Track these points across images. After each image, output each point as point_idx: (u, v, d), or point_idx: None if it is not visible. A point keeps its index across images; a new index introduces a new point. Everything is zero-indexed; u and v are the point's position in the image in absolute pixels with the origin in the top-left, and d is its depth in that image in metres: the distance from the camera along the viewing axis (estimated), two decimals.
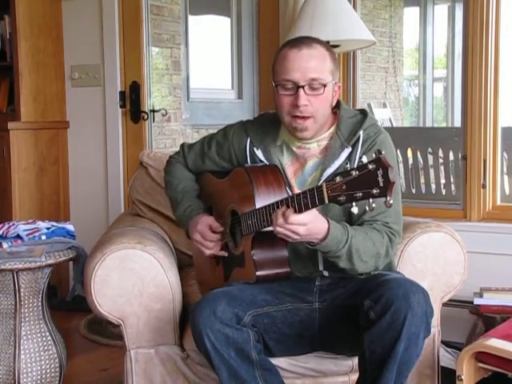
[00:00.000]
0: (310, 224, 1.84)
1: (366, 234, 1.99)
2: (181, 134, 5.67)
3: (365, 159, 1.68)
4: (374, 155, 1.66)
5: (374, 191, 1.65)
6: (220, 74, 6.35)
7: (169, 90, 5.60)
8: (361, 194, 1.67)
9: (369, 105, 6.89)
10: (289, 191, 2.09)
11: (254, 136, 2.22)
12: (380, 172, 1.64)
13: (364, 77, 7.33)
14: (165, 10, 5.43)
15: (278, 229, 1.86)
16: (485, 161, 3.17)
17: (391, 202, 1.65)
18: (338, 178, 1.70)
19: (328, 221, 1.90)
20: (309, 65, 2.02)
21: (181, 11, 5.66)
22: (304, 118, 2.05)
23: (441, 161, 3.95)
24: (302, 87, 2.02)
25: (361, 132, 2.10)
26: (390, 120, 7.16)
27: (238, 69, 6.19)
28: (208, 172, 2.36)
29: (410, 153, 4.02)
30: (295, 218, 1.82)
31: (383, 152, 1.66)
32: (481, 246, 3.04)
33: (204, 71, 6.17)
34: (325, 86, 2.04)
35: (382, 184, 1.64)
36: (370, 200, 1.67)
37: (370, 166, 1.65)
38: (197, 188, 2.39)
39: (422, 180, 3.99)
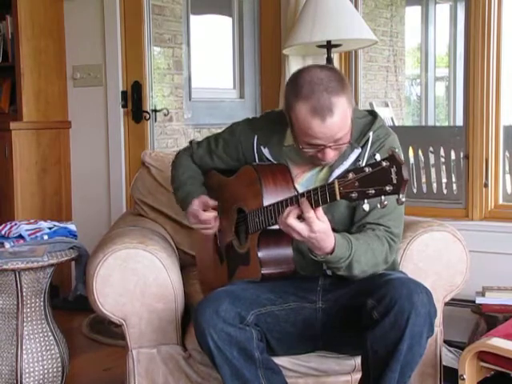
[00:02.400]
0: (317, 233, 1.82)
1: (368, 244, 1.98)
2: (183, 134, 5.67)
3: (378, 157, 1.68)
4: (387, 153, 1.66)
5: (387, 188, 1.64)
6: (222, 73, 6.35)
7: (170, 89, 5.60)
8: (373, 191, 1.66)
9: (370, 104, 6.88)
10: (297, 190, 2.08)
11: (261, 134, 2.21)
12: (394, 169, 1.63)
13: (366, 76, 7.32)
14: (166, 9, 5.44)
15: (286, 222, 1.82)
16: (487, 160, 3.17)
17: (403, 199, 1.64)
18: (350, 175, 1.69)
19: (335, 238, 1.88)
20: (333, 131, 1.95)
21: (182, 11, 5.67)
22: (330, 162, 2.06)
23: (442, 160, 3.95)
24: (329, 147, 1.98)
25: (371, 133, 2.09)
26: (392, 119, 7.15)
27: (239, 68, 6.19)
28: (215, 170, 2.35)
29: (411, 152, 4.02)
30: (310, 213, 1.79)
31: (396, 150, 1.66)
32: (483, 245, 3.04)
33: (206, 71, 6.17)
34: (349, 140, 2.01)
35: (395, 181, 1.63)
36: (382, 197, 1.67)
37: (384, 163, 1.65)
38: (202, 178, 2.37)
39: (424, 179, 3.99)
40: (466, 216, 3.24)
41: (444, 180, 3.95)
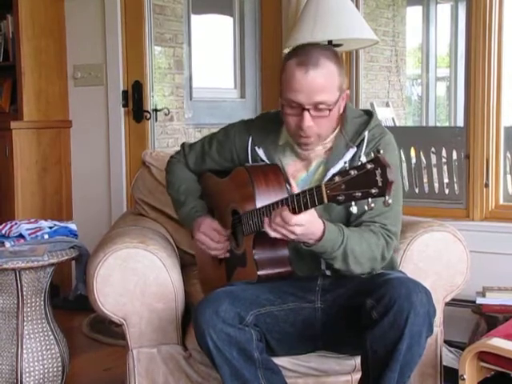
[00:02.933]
0: (307, 224, 1.85)
1: (362, 235, 1.99)
2: (183, 134, 5.68)
3: (364, 159, 1.69)
4: (372, 155, 1.67)
5: (373, 191, 1.65)
6: (223, 73, 6.36)
7: (171, 89, 5.60)
8: (360, 194, 1.67)
9: (371, 104, 6.88)
10: (290, 191, 2.09)
11: (255, 135, 2.21)
12: (378, 171, 1.64)
13: (367, 76, 7.32)
14: (167, 9, 5.44)
15: (276, 227, 1.86)
16: (487, 160, 3.16)
17: (390, 201, 1.64)
18: (336, 178, 1.70)
19: (324, 222, 1.90)
20: (315, 88, 1.98)
21: (183, 10, 5.67)
22: (308, 136, 2.05)
23: (444, 160, 3.95)
24: (308, 110, 2.00)
25: (366, 132, 2.09)
26: (393, 119, 7.15)
27: (240, 68, 6.20)
28: (209, 171, 2.36)
29: (413, 152, 4.02)
30: (294, 218, 1.82)
31: (381, 151, 1.66)
32: (483, 245, 3.04)
33: (207, 70, 6.17)
34: (330, 110, 2.02)
35: (380, 183, 1.64)
36: (369, 200, 1.67)
37: (369, 166, 1.65)
38: (199, 188, 2.39)
39: (425, 179, 3.98)
40: (467, 216, 3.24)
41: (446, 180, 3.95)
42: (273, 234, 1.88)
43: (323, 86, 1.99)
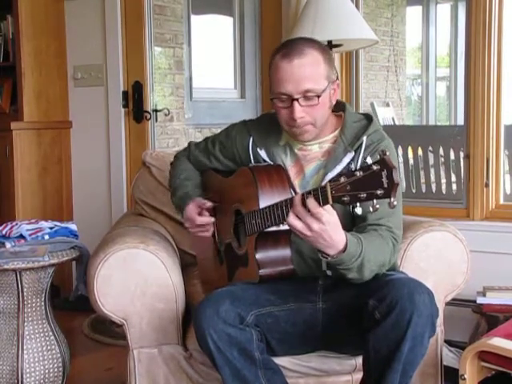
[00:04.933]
0: (327, 225, 1.77)
1: (376, 243, 1.96)
2: (183, 134, 5.68)
3: (369, 160, 1.68)
4: (378, 156, 1.66)
5: (378, 192, 1.64)
6: (223, 73, 6.36)
7: (171, 89, 5.60)
8: (365, 195, 1.66)
9: (372, 104, 6.88)
10: (292, 192, 2.08)
11: (256, 136, 2.21)
12: (384, 173, 1.63)
13: (367, 76, 7.33)
14: (167, 9, 5.44)
15: (292, 218, 1.78)
16: (488, 160, 3.16)
17: (395, 203, 1.64)
18: (342, 179, 1.69)
19: (345, 234, 1.85)
20: (301, 76, 1.99)
21: (183, 11, 5.67)
22: (302, 127, 2.05)
23: (442, 160, 3.95)
24: (297, 100, 2.00)
25: (364, 137, 2.09)
26: (393, 119, 7.15)
27: (240, 68, 6.20)
28: (213, 170, 2.36)
29: (410, 151, 4.02)
30: (318, 209, 1.75)
31: (388, 153, 1.66)
32: (484, 245, 3.04)
33: (207, 71, 6.18)
34: (319, 96, 2.01)
35: (386, 185, 1.63)
36: (374, 201, 1.66)
37: (375, 167, 1.64)
38: (199, 180, 2.38)
39: (425, 179, 3.98)
40: (467, 216, 3.23)
41: (445, 180, 3.95)
42: (292, 222, 1.79)
43: (309, 74, 2.00)
